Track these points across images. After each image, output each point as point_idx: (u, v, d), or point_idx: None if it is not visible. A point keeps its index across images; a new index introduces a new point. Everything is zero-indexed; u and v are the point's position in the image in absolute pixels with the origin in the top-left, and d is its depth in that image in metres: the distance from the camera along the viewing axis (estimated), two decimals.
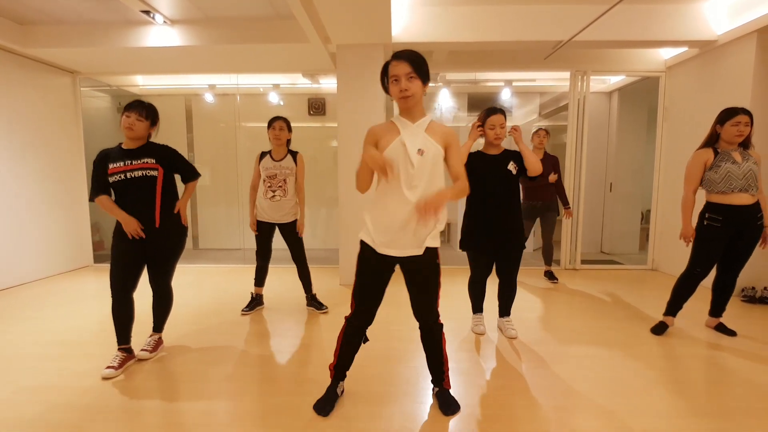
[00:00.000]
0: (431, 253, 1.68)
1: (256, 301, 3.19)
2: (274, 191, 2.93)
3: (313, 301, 3.18)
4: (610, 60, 4.50)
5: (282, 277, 4.13)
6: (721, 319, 2.76)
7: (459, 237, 2.67)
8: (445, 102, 5.61)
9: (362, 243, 1.70)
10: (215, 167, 5.88)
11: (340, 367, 1.84)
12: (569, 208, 4.07)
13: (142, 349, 2.33)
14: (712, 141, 2.53)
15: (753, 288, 3.45)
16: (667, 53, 4.40)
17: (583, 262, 4.81)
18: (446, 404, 1.81)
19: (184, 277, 4.28)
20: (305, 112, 5.73)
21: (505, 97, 5.57)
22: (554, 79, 5.36)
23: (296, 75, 5.19)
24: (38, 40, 3.93)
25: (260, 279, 3.16)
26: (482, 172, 2.51)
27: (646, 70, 4.53)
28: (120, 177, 2.09)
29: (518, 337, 2.65)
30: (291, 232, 3.02)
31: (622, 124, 5.53)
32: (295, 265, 3.11)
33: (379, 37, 3.59)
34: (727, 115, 2.43)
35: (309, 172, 3.08)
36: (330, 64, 4.30)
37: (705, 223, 2.53)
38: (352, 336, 1.80)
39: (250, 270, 3.18)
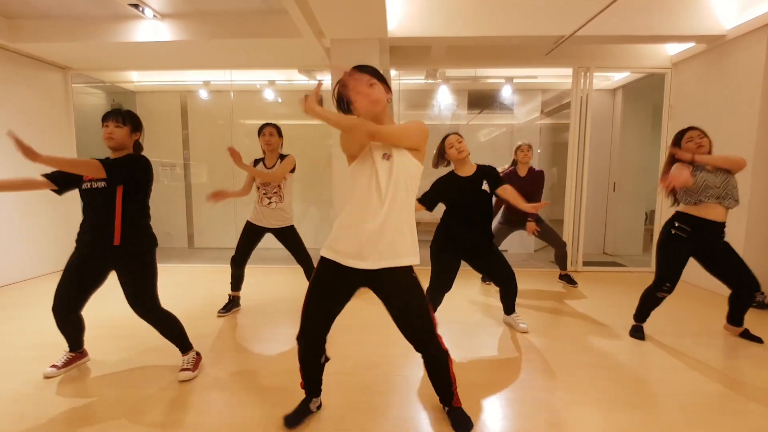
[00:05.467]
0: (405, 271, 1.53)
1: (233, 303, 3.13)
2: (270, 198, 2.92)
3: None
4: (614, 56, 4.36)
5: (270, 278, 4.04)
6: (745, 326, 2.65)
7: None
8: (444, 99, 5.49)
9: (322, 259, 1.56)
10: (210, 164, 5.80)
11: (308, 387, 1.75)
12: (530, 221, 3.49)
13: (182, 369, 2.09)
14: (671, 164, 2.51)
15: (762, 293, 3.32)
16: (673, 49, 4.25)
17: (585, 263, 4.68)
18: (458, 423, 1.69)
19: (178, 276, 4.20)
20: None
21: (506, 94, 5.45)
22: (557, 76, 5.23)
23: (292, 71, 5.08)
24: (27, 34, 3.84)
25: (237, 285, 3.10)
26: (455, 195, 2.51)
27: (651, 67, 4.38)
28: (87, 186, 1.99)
29: (529, 331, 2.73)
30: (289, 237, 3.01)
31: (626, 123, 5.39)
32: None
33: (374, 32, 3.48)
34: (679, 135, 2.48)
35: (304, 171, 3.00)
36: (325, 59, 4.19)
37: (672, 231, 2.47)
38: (306, 357, 1.66)
39: None
